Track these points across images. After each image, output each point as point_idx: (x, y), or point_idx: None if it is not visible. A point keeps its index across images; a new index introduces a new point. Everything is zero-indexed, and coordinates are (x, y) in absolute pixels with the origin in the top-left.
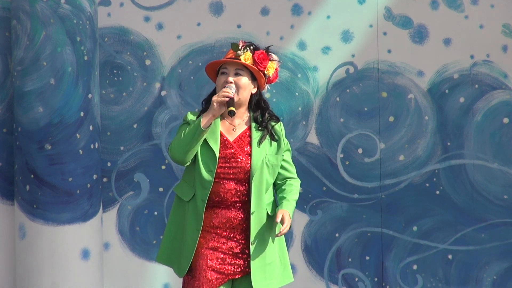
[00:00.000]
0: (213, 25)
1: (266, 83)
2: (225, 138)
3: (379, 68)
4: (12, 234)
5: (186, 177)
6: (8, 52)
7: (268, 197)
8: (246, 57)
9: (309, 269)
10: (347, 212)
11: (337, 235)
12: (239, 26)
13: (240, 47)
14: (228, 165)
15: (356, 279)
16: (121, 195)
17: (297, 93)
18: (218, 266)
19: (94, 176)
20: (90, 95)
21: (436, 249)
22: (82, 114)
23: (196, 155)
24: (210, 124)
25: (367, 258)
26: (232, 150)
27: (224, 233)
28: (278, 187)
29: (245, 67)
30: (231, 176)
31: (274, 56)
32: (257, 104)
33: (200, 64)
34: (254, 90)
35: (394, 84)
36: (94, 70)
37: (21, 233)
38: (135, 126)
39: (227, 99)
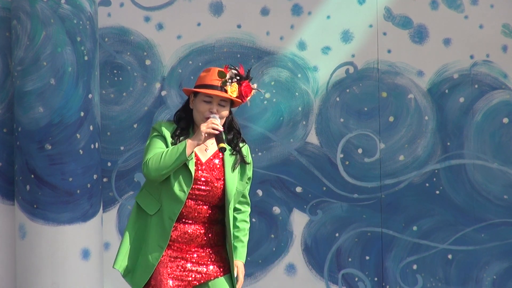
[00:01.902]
0: (213, 25)
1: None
2: (198, 158)
3: (379, 68)
4: (12, 234)
5: (150, 189)
6: (8, 52)
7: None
8: (232, 89)
9: (309, 269)
10: (347, 212)
11: (337, 235)
12: (239, 26)
13: (227, 78)
14: (198, 187)
15: (356, 279)
16: (121, 195)
17: (297, 93)
18: (179, 273)
19: (94, 176)
20: (90, 95)
21: (436, 249)
22: (82, 114)
23: None
24: (192, 153)
25: (367, 258)
26: (203, 173)
27: (183, 246)
28: (235, 215)
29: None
30: (199, 198)
31: (254, 85)
32: (230, 126)
33: (200, 64)
34: (228, 114)
35: (394, 84)
36: (94, 70)
37: (21, 233)
38: (135, 126)
39: (216, 132)
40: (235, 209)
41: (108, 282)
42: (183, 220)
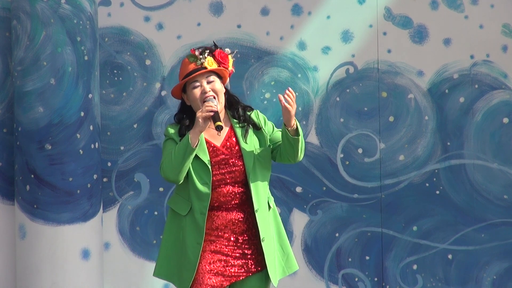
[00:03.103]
0: (213, 25)
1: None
2: (212, 145)
3: (379, 68)
4: (12, 234)
5: (180, 190)
6: (8, 52)
7: (266, 191)
8: (210, 62)
9: (309, 269)
10: (347, 212)
11: (337, 235)
12: (239, 26)
13: (198, 56)
14: (223, 171)
15: (356, 279)
16: (121, 195)
17: (297, 93)
18: (221, 269)
19: (94, 176)
20: (90, 95)
21: (436, 249)
22: (82, 114)
23: (188, 170)
24: (198, 140)
25: (367, 258)
26: (223, 156)
27: (225, 234)
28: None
29: (212, 71)
30: (228, 180)
31: (228, 50)
32: (229, 101)
33: None
34: (224, 90)
35: (394, 84)
36: (94, 70)
37: (21, 233)
38: (135, 126)
39: (211, 113)
40: None
41: (108, 282)
42: (224, 206)
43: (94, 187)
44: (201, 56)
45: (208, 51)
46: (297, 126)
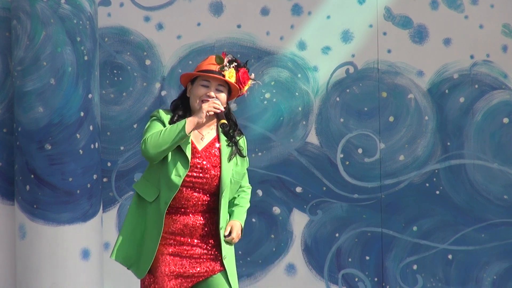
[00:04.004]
0: (213, 25)
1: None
2: (194, 146)
3: (379, 68)
4: (12, 234)
5: (149, 176)
6: (8, 52)
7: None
8: (230, 74)
9: (309, 269)
10: (347, 212)
11: (337, 235)
12: (239, 26)
13: (224, 63)
14: (194, 174)
15: (356, 279)
16: (121, 195)
17: (297, 93)
18: (181, 271)
19: (94, 176)
20: (90, 95)
21: (436, 249)
22: (82, 114)
23: (165, 157)
24: (191, 132)
25: (367, 258)
26: (200, 160)
27: (182, 239)
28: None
29: (226, 82)
30: (196, 185)
31: (252, 75)
32: (226, 117)
33: None
34: (225, 104)
35: (394, 84)
36: (94, 70)
37: (21, 233)
38: (135, 126)
39: (217, 111)
40: (239, 189)
41: (108, 282)
42: (182, 210)
43: (94, 187)
44: (227, 64)
45: (236, 64)
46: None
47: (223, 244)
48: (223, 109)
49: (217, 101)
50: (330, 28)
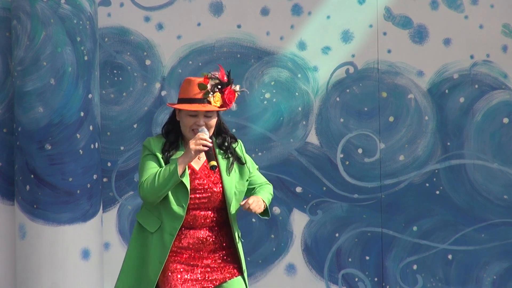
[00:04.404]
0: (213, 25)
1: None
2: (192, 167)
3: (379, 68)
4: (12, 234)
5: (150, 207)
6: (8, 52)
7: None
8: (216, 99)
9: (309, 269)
10: (347, 212)
11: (337, 235)
12: (239, 26)
13: (208, 89)
14: (198, 195)
15: (356, 279)
16: (121, 195)
17: (297, 93)
18: (198, 276)
19: (94, 176)
20: (90, 95)
21: (436, 249)
22: (82, 114)
23: None
24: (185, 169)
25: (367, 258)
26: (200, 181)
27: (193, 253)
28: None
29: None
30: (201, 205)
31: (237, 87)
32: (218, 130)
33: (200, 64)
34: (216, 119)
35: (394, 84)
36: (94, 70)
37: (21, 233)
38: (135, 126)
39: (206, 148)
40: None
41: (108, 282)
42: (193, 227)
43: (94, 187)
44: (211, 92)
45: (220, 86)
46: (266, 208)
47: (241, 253)
48: (211, 144)
49: (205, 135)
50: (330, 28)
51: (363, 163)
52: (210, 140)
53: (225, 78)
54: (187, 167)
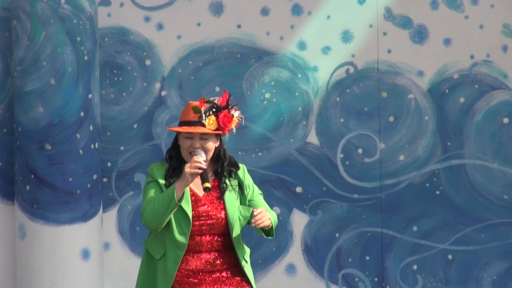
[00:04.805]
0: (213, 25)
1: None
2: (195, 194)
3: (379, 68)
4: (12, 234)
5: (156, 233)
6: (8, 52)
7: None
8: (210, 122)
9: (309, 269)
10: (347, 212)
11: (337, 235)
12: (239, 26)
13: (202, 112)
14: (202, 222)
15: (356, 279)
16: (121, 195)
17: (297, 93)
18: (207, 286)
19: (94, 176)
20: (90, 95)
21: (436, 249)
22: (82, 114)
23: None
24: (183, 194)
25: (367, 258)
26: (205, 207)
27: (200, 273)
28: None
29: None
30: (205, 231)
31: (236, 113)
32: (217, 156)
33: (200, 64)
34: (218, 144)
35: (394, 84)
36: (94, 70)
37: (21, 233)
38: (135, 126)
39: (200, 170)
40: None
41: (108, 282)
42: (199, 252)
43: (94, 187)
44: (204, 115)
45: (215, 109)
46: (271, 227)
47: (248, 273)
48: (205, 166)
49: (200, 158)
50: (330, 28)
51: (363, 163)
52: (205, 164)
53: (224, 102)
54: (189, 193)
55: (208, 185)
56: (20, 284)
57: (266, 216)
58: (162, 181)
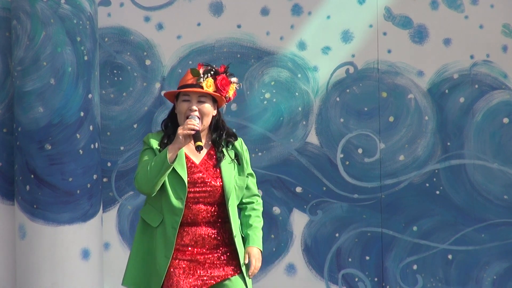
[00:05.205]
0: (213, 25)
1: (226, 103)
2: (191, 161)
3: (379, 68)
4: (12, 234)
5: (152, 201)
6: (8, 52)
7: (237, 217)
8: (208, 84)
9: (309, 269)
10: (347, 212)
11: (337, 235)
12: (239, 26)
13: (201, 73)
14: (198, 189)
15: (356, 279)
16: (121, 195)
17: (297, 93)
18: (198, 282)
19: (94, 176)
20: (90, 95)
21: (436, 249)
22: (82, 114)
23: (164, 182)
24: (176, 155)
25: (367, 258)
26: (200, 174)
27: (195, 249)
28: (243, 208)
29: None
30: (201, 199)
31: (233, 79)
32: (216, 125)
33: None
34: (215, 113)
35: (394, 84)
36: (94, 70)
37: (21, 233)
38: (135, 126)
39: (192, 131)
40: (245, 203)
41: (108, 282)
42: (194, 223)
43: (94, 187)
44: (202, 76)
45: (212, 72)
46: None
47: (239, 251)
48: (198, 128)
49: (194, 121)
50: (330, 28)
51: (363, 163)
52: (198, 126)
53: (222, 69)
54: (184, 159)
55: (200, 143)
56: (20, 284)
57: (259, 259)
58: (157, 147)
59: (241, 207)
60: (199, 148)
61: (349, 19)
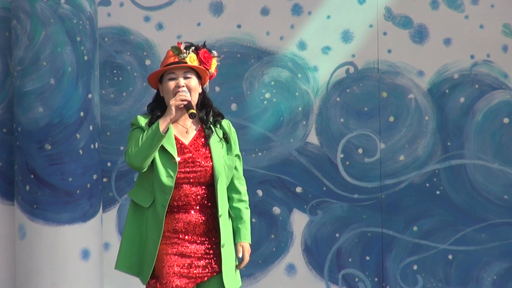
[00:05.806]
0: (213, 25)
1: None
2: (180, 142)
3: (379, 68)
4: (12, 234)
5: (142, 182)
6: (8, 52)
7: (226, 197)
8: (192, 59)
9: (309, 269)
10: (347, 212)
11: (337, 235)
12: (239, 26)
13: (182, 49)
14: (187, 169)
15: (356, 279)
16: (121, 195)
17: (297, 93)
18: (185, 271)
19: (94, 176)
20: (90, 95)
21: (436, 249)
22: (82, 114)
23: (153, 161)
24: (168, 129)
25: (367, 258)
26: (190, 154)
27: (186, 237)
28: (230, 198)
29: (191, 68)
30: (191, 180)
31: (214, 53)
32: (202, 103)
33: None
34: (200, 90)
35: (394, 84)
36: (94, 70)
37: (21, 233)
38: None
39: (185, 102)
40: (233, 188)
41: (108, 282)
42: (184, 208)
43: (94, 187)
44: (184, 51)
45: (193, 47)
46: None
47: (222, 231)
48: (190, 99)
49: (184, 92)
50: (330, 28)
51: (363, 163)
52: (189, 97)
53: (198, 44)
54: (174, 139)
55: (193, 110)
56: (20, 284)
57: (249, 252)
58: (146, 127)
59: (229, 195)
60: (192, 116)
61: (349, 19)
